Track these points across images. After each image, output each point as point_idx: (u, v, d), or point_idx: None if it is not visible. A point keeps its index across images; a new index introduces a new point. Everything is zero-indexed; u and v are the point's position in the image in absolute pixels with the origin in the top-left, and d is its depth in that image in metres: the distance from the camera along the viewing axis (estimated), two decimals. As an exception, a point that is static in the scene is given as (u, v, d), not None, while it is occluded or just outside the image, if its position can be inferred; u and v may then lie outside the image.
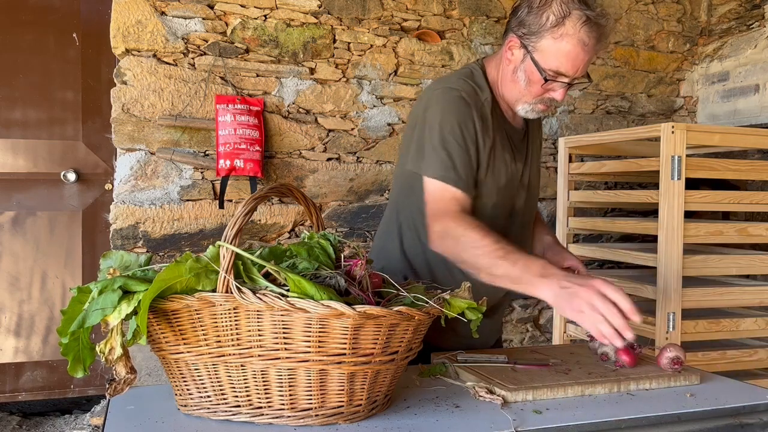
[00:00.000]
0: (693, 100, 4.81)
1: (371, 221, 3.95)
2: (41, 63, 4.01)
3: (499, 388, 1.68)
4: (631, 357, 1.92)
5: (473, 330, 1.63)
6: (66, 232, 4.10)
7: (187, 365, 1.47)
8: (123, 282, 1.37)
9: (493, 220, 2.11)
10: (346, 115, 3.90)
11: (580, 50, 1.98)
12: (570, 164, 3.92)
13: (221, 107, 3.55)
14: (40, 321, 4.06)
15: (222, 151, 3.52)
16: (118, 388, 1.38)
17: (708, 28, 4.75)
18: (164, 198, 3.58)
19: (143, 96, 3.51)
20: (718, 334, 3.33)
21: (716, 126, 4.39)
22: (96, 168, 4.13)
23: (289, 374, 1.41)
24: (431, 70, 4.06)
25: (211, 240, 3.64)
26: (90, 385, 4.19)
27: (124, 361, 1.38)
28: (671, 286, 3.14)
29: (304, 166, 3.82)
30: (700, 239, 3.24)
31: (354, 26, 3.88)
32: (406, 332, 1.50)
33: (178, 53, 3.57)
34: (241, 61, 3.67)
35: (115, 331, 1.36)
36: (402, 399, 1.67)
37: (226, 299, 1.37)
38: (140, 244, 3.54)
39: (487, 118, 2.11)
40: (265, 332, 1.39)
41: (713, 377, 1.98)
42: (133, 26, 3.48)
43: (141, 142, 3.53)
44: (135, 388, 1.61)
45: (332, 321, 1.37)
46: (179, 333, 1.44)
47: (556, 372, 1.86)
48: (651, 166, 3.28)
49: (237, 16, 3.65)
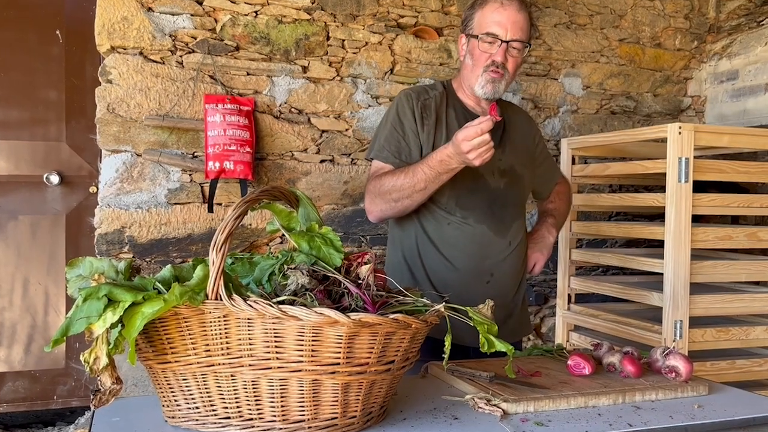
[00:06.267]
0: (701, 99, 4.82)
1: (366, 226, 3.96)
2: (23, 61, 4.00)
3: (500, 399, 1.68)
4: (636, 367, 1.93)
5: (482, 346, 1.63)
6: (49, 236, 4.10)
7: (174, 375, 1.47)
8: (108, 290, 1.37)
9: (471, 195, 2.54)
10: (340, 115, 3.90)
11: (500, 8, 2.45)
12: (573, 166, 3.92)
13: (210, 107, 3.55)
14: (22, 329, 4.06)
15: (211, 152, 3.52)
16: (103, 399, 1.39)
17: (717, 24, 4.76)
18: (151, 201, 3.58)
19: (129, 95, 3.51)
20: (727, 343, 3.33)
21: (725, 126, 4.40)
22: (80, 170, 4.12)
23: (280, 385, 1.42)
24: (429, 68, 4.06)
25: (200, 245, 3.64)
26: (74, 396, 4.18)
27: (110, 371, 1.38)
28: (678, 293, 3.15)
29: (296, 168, 3.82)
30: (709, 244, 3.25)
31: (348, 23, 3.89)
32: (403, 341, 1.50)
33: (165, 51, 3.57)
34: (231, 59, 3.67)
35: (101, 340, 1.36)
36: (398, 410, 1.67)
37: (216, 306, 1.38)
38: (126, 249, 3.54)
39: (430, 107, 2.56)
40: (256, 341, 1.39)
41: (722, 388, 1.99)
42: (118, 23, 3.48)
43: (127, 143, 3.53)
44: (120, 399, 1.61)
45: (326, 329, 1.38)
46: (167, 342, 1.44)
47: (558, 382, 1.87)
48: (657, 168, 3.29)
49: (227, 12, 3.66)
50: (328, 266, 1.55)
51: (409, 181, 2.36)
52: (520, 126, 2.77)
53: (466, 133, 2.14)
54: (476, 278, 2.55)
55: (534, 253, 2.78)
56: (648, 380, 1.92)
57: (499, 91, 2.52)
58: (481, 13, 2.49)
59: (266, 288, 1.53)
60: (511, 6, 2.46)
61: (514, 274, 2.67)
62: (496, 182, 2.60)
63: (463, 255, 2.54)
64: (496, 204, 2.59)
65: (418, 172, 2.33)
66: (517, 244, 2.65)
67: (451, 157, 2.25)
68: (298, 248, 1.58)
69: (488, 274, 2.57)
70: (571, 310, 3.97)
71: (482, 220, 2.54)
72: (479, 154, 2.17)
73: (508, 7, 2.45)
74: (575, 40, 4.45)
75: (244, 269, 1.60)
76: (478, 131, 2.12)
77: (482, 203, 2.55)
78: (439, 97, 2.61)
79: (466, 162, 2.23)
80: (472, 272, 2.54)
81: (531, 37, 2.56)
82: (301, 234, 1.60)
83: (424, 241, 2.57)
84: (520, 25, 2.46)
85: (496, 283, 2.59)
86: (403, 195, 2.39)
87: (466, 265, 2.54)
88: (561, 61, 4.44)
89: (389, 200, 2.43)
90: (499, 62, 2.46)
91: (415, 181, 2.34)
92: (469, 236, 2.53)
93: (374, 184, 2.48)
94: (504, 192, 2.62)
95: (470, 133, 2.13)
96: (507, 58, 2.47)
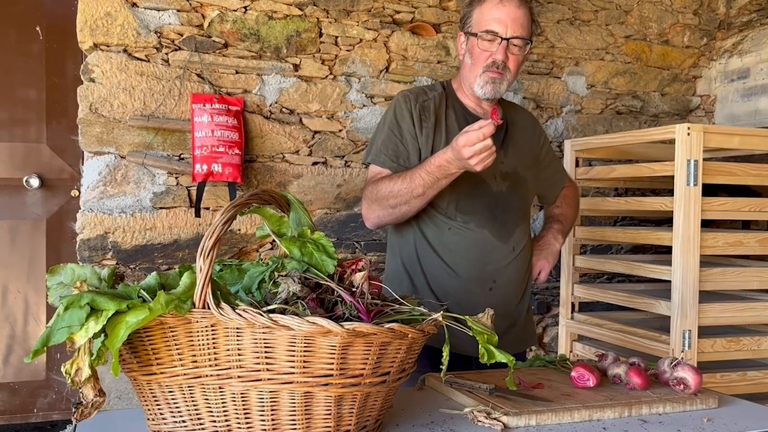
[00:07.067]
0: (710, 99, 4.83)
1: (360, 231, 3.96)
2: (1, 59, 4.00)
3: (500, 412, 1.68)
4: (643, 379, 1.93)
5: (482, 357, 1.63)
6: (28, 242, 4.10)
7: (160, 387, 1.47)
8: (91, 298, 1.37)
9: (471, 199, 2.54)
10: (333, 116, 3.91)
11: (499, 4, 2.46)
12: (577, 169, 3.93)
13: (197, 107, 3.55)
14: (1, 339, 4.05)
15: (198, 154, 3.51)
16: (85, 412, 1.39)
17: (727, 20, 4.77)
18: (135, 206, 3.58)
19: (113, 95, 3.51)
20: (737, 354, 3.34)
21: (736, 127, 4.41)
22: (61, 173, 4.13)
23: (271, 397, 1.42)
24: (426, 66, 4.07)
25: (187, 252, 3.64)
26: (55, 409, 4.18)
27: (92, 383, 1.38)
28: (687, 302, 3.16)
29: (287, 170, 3.82)
30: (719, 250, 3.26)
31: (342, 19, 3.89)
32: (399, 352, 1.50)
33: (150, 48, 3.57)
34: (219, 57, 3.67)
35: (83, 350, 1.36)
36: (394, 424, 1.67)
37: (203, 315, 1.38)
38: (110, 255, 3.54)
39: (429, 109, 2.57)
40: (245, 351, 1.39)
41: (732, 401, 1.99)
42: (101, 19, 3.48)
43: (110, 144, 3.52)
44: (103, 412, 1.61)
45: (318, 339, 1.38)
46: (152, 352, 1.44)
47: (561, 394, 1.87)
48: (665, 170, 3.30)
49: (215, 7, 3.66)
50: (320, 273, 1.55)
51: (406, 186, 2.37)
52: (523, 127, 2.78)
53: (468, 138, 2.14)
54: (478, 285, 2.56)
55: (539, 260, 2.79)
56: (655, 392, 1.92)
57: (500, 91, 2.53)
58: (479, 10, 2.50)
59: (256, 296, 1.54)
60: (510, 2, 2.47)
61: (518, 281, 2.67)
62: (498, 186, 2.61)
63: (465, 261, 2.55)
64: (498, 208, 2.60)
65: (416, 178, 2.35)
66: (520, 250, 2.65)
67: (450, 162, 2.25)
68: (289, 254, 1.58)
69: (491, 281, 2.58)
70: (574, 319, 3.97)
71: (484, 225, 2.55)
72: (481, 160, 2.16)
73: (507, 3, 2.46)
74: (579, 36, 4.46)
75: (232, 276, 1.60)
76: (480, 136, 2.12)
77: (483, 207, 2.56)
78: (438, 98, 2.62)
79: (467, 167, 2.24)
80: (474, 279, 2.55)
81: (533, 33, 2.56)
82: (293, 240, 1.60)
83: (424, 247, 2.58)
84: (521, 21, 2.47)
85: (499, 290, 2.59)
86: (401, 201, 2.40)
87: (467, 271, 2.55)
88: (564, 59, 4.45)
89: (386, 206, 2.44)
90: (500, 61, 2.47)
91: (413, 187, 2.35)
92: (470, 241, 2.54)
93: (371, 190, 2.50)
94: (506, 196, 2.63)
95: (472, 138, 2.13)
96: (508, 56, 2.48)
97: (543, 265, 2.79)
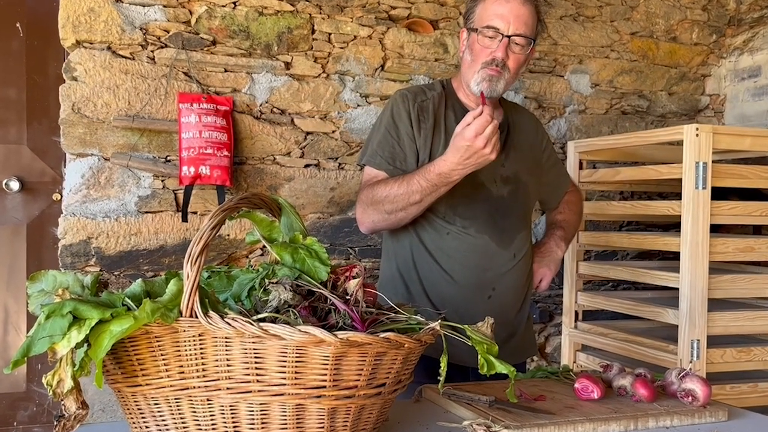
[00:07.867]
0: (720, 98, 4.84)
1: (354, 236, 3.96)
2: (-21, 56, 4.00)
3: (500, 425, 1.69)
4: (649, 390, 1.94)
5: (481, 368, 1.63)
6: (8, 248, 4.09)
7: (146, 399, 1.47)
8: (73, 307, 1.37)
9: (470, 203, 2.54)
10: (326, 116, 3.91)
11: (503, 0, 2.44)
12: (580, 171, 3.94)
13: (185, 107, 3.56)
14: (-23, 350, 4.05)
15: (185, 156, 3.52)
16: (67, 426, 1.39)
17: (737, 16, 4.78)
18: (120, 210, 3.58)
19: (96, 94, 3.51)
20: (748, 365, 3.34)
21: (746, 128, 4.42)
22: (42, 176, 4.12)
23: (261, 410, 1.42)
24: (423, 64, 4.07)
25: (173, 258, 3.64)
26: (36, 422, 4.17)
27: (75, 395, 1.38)
28: (696, 310, 3.16)
29: (278, 173, 3.82)
30: (729, 256, 3.26)
31: (335, 15, 3.90)
32: (395, 362, 1.50)
33: (135, 45, 3.57)
34: (207, 55, 3.68)
35: (65, 361, 1.36)
36: (390, 438, 1.67)
37: (191, 324, 1.38)
38: (93, 261, 3.54)
39: (427, 109, 2.56)
40: (234, 362, 1.39)
41: (743, 413, 1.99)
42: (84, 15, 3.48)
43: (93, 146, 3.53)
44: (86, 426, 1.61)
45: (310, 349, 1.38)
46: (137, 363, 1.44)
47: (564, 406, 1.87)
48: (672, 173, 3.30)
49: (202, 3, 3.66)
50: (313, 280, 1.55)
51: (403, 192, 2.36)
52: (525, 129, 2.78)
53: (477, 126, 2.13)
54: (477, 292, 2.56)
55: (541, 267, 2.79)
56: (662, 405, 1.92)
57: (497, 90, 2.50)
58: (483, 5, 2.48)
59: (246, 304, 1.54)
60: None
61: (518, 289, 2.67)
62: (499, 190, 2.61)
63: (463, 267, 2.54)
64: (499, 213, 2.59)
65: (414, 184, 2.34)
66: (521, 257, 2.65)
67: (453, 169, 2.24)
68: (280, 261, 1.58)
69: (490, 288, 2.58)
70: (578, 328, 3.98)
71: (483, 230, 2.55)
72: (494, 145, 2.17)
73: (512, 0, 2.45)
74: (583, 33, 4.47)
75: (221, 284, 1.60)
76: (487, 118, 2.13)
77: (483, 212, 2.56)
78: (438, 98, 2.61)
79: (478, 164, 2.23)
80: (472, 286, 2.55)
81: (537, 33, 2.54)
82: (284, 245, 1.60)
83: (421, 252, 2.57)
84: (524, 18, 2.44)
85: (499, 298, 2.59)
86: (397, 207, 2.40)
87: (466, 278, 2.54)
88: (567, 57, 4.46)
89: (382, 211, 2.44)
90: (499, 59, 2.44)
91: (411, 193, 2.35)
92: (469, 247, 2.54)
93: (366, 193, 2.49)
94: (507, 201, 2.62)
95: (481, 123, 2.13)
96: (508, 54, 2.46)
97: (544, 273, 2.78)
